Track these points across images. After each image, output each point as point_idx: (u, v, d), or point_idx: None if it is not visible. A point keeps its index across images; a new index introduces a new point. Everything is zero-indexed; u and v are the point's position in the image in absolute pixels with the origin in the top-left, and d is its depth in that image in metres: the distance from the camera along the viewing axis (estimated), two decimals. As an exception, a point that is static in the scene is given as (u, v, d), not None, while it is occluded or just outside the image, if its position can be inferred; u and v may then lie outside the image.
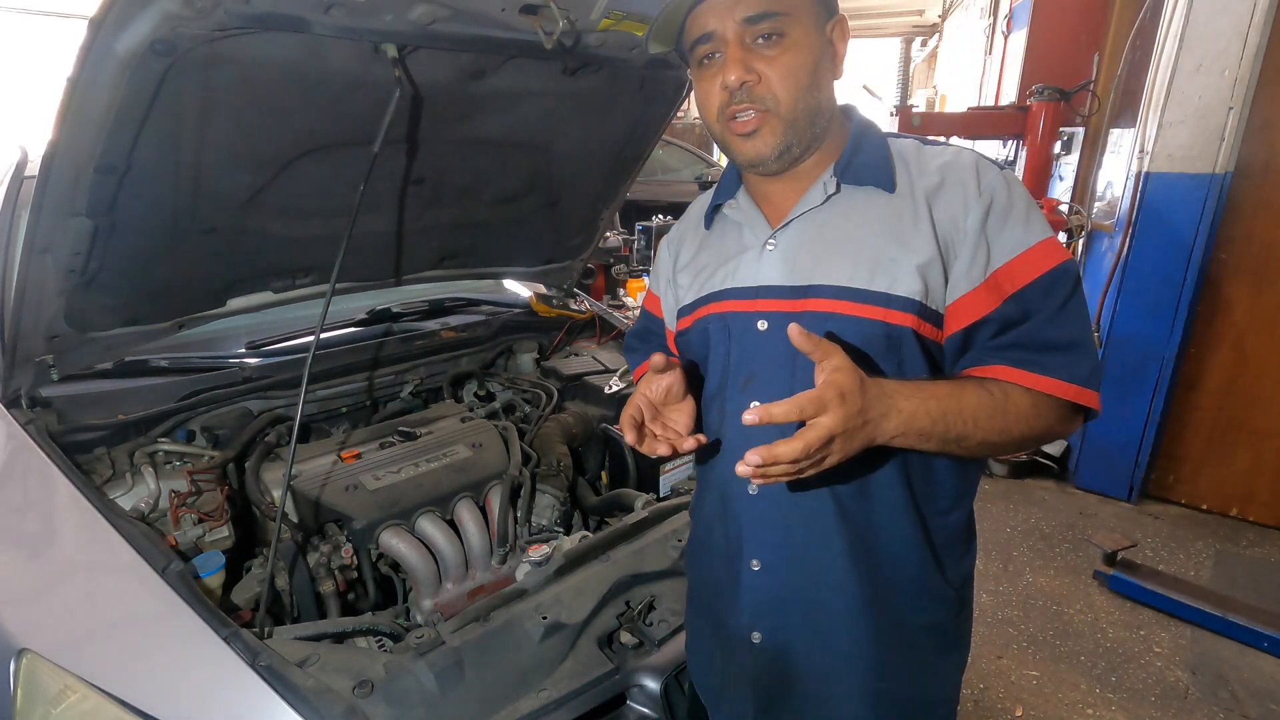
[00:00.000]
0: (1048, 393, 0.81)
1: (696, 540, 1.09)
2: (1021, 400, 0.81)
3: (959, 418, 0.78)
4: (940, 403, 0.77)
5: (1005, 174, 0.87)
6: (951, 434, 0.78)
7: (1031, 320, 0.82)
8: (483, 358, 2.18)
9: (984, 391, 0.80)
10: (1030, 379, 0.81)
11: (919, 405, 0.76)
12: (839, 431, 0.70)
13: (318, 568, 1.45)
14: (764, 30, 0.83)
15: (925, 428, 0.77)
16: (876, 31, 9.15)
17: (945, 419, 0.77)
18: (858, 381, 0.72)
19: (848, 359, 0.72)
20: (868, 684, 0.94)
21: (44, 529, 1.25)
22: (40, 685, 0.97)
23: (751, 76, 0.84)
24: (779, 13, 0.83)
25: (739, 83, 0.84)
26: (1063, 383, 0.81)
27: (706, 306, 0.97)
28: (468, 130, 1.62)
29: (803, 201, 0.91)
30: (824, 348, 0.72)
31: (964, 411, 0.78)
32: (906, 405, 0.76)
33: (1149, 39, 3.09)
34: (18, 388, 1.47)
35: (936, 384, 0.80)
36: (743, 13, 0.83)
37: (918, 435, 0.77)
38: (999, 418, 0.80)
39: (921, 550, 0.91)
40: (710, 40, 0.86)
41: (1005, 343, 0.83)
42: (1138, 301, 3.20)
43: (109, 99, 1.09)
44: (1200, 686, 2.32)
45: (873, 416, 0.73)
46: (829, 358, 0.72)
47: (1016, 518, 3.30)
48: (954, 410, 0.78)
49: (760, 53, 0.84)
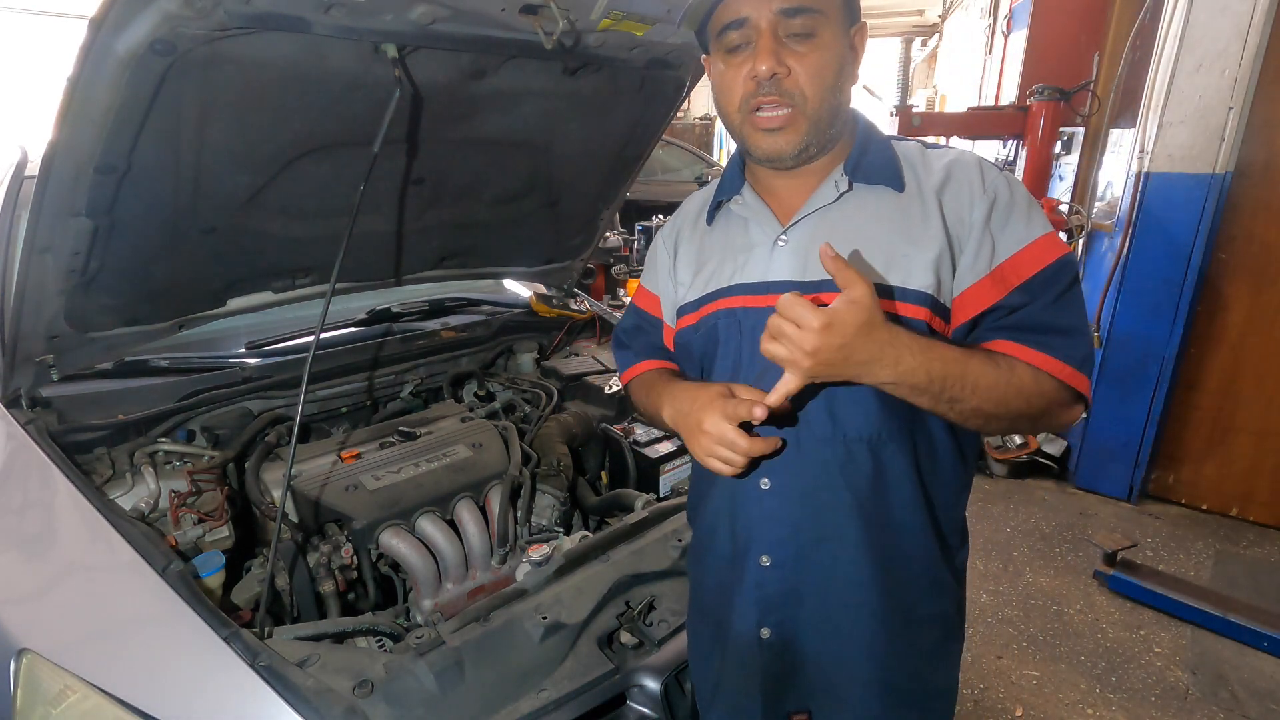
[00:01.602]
0: (1046, 370, 0.83)
1: (698, 542, 1.09)
2: (1025, 375, 0.83)
3: (959, 381, 0.80)
4: (944, 365, 0.79)
5: (1006, 174, 0.90)
6: (946, 394, 0.80)
7: (1033, 305, 0.85)
8: (483, 358, 2.18)
9: (990, 361, 0.83)
10: (1031, 354, 0.83)
11: (921, 363, 0.79)
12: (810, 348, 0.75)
13: (318, 568, 1.44)
14: (798, 27, 0.84)
15: (920, 383, 0.79)
16: (876, 31, 9.14)
17: (944, 380, 0.79)
18: (858, 322, 0.75)
19: (866, 297, 0.75)
20: (877, 675, 0.95)
21: (44, 529, 1.25)
22: (40, 685, 0.97)
23: (782, 69, 0.85)
24: (815, 10, 0.84)
25: (770, 73, 0.84)
26: (1061, 362, 0.84)
27: (714, 303, 0.97)
28: (468, 130, 1.62)
29: (815, 198, 0.92)
30: (846, 276, 0.76)
31: (965, 376, 0.80)
32: (909, 360, 0.78)
33: (1149, 39, 3.09)
34: (18, 388, 1.47)
35: (946, 346, 0.82)
36: (780, 3, 0.83)
37: (910, 388, 0.80)
38: (1000, 388, 0.82)
39: (930, 540, 0.93)
40: (742, 27, 0.86)
41: (1010, 323, 0.85)
42: (1138, 301, 3.20)
43: (109, 99, 1.09)
44: (1200, 686, 2.32)
45: (860, 358, 0.77)
46: (849, 287, 0.76)
47: (1016, 518, 3.30)
48: (955, 374, 0.80)
49: (791, 48, 0.85)
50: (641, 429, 1.87)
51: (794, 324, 0.77)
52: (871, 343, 0.76)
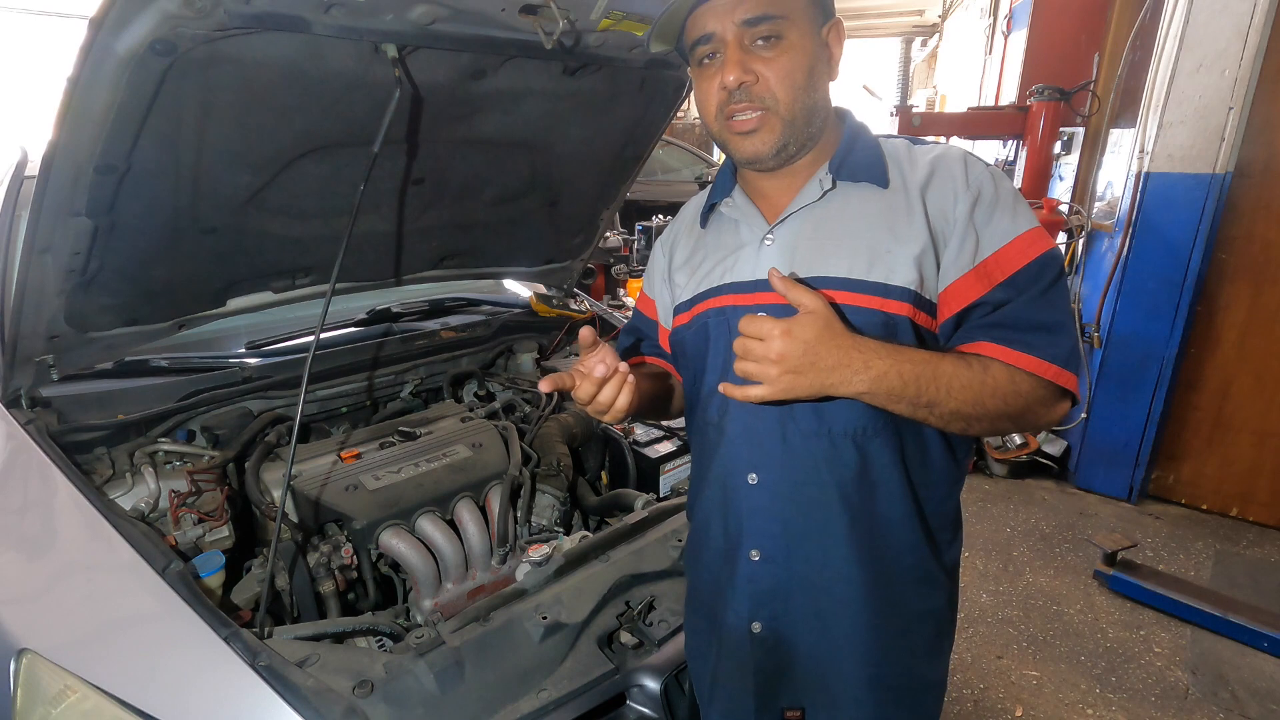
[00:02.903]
0: (1027, 370, 0.83)
1: (694, 537, 1.10)
2: (1000, 375, 0.83)
3: (932, 383, 0.80)
4: (915, 367, 0.80)
5: (991, 168, 0.90)
6: (923, 398, 0.81)
7: (1016, 301, 0.85)
8: (483, 358, 2.18)
9: (963, 362, 0.83)
10: (1012, 355, 0.83)
11: (891, 366, 0.79)
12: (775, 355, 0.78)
13: (318, 568, 1.45)
14: (762, 33, 0.85)
15: (895, 388, 0.80)
16: (876, 31, 9.15)
17: (918, 383, 0.80)
18: (816, 327, 0.78)
19: (820, 307, 0.79)
20: (867, 669, 0.96)
21: (44, 529, 1.25)
22: (40, 685, 0.97)
23: (749, 77, 0.86)
24: (777, 15, 0.85)
25: (737, 83, 0.86)
26: (1043, 361, 0.83)
27: (705, 302, 0.98)
28: (468, 130, 1.62)
29: (799, 197, 0.93)
30: (794, 293, 0.79)
31: (939, 378, 0.81)
32: (879, 364, 0.79)
33: (1149, 39, 3.09)
34: (18, 388, 1.46)
35: (915, 350, 0.83)
36: (742, 15, 0.85)
37: (886, 395, 0.80)
38: (974, 389, 0.82)
39: (918, 535, 0.93)
40: (710, 41, 0.88)
41: (991, 321, 0.85)
42: (1138, 301, 3.20)
43: (109, 99, 1.09)
44: (1200, 686, 2.32)
45: (827, 363, 0.79)
46: (800, 302, 0.80)
47: (1016, 518, 3.30)
48: (928, 375, 0.80)
49: (758, 54, 0.86)
50: (641, 429, 1.87)
51: (756, 338, 0.79)
52: (835, 348, 0.78)
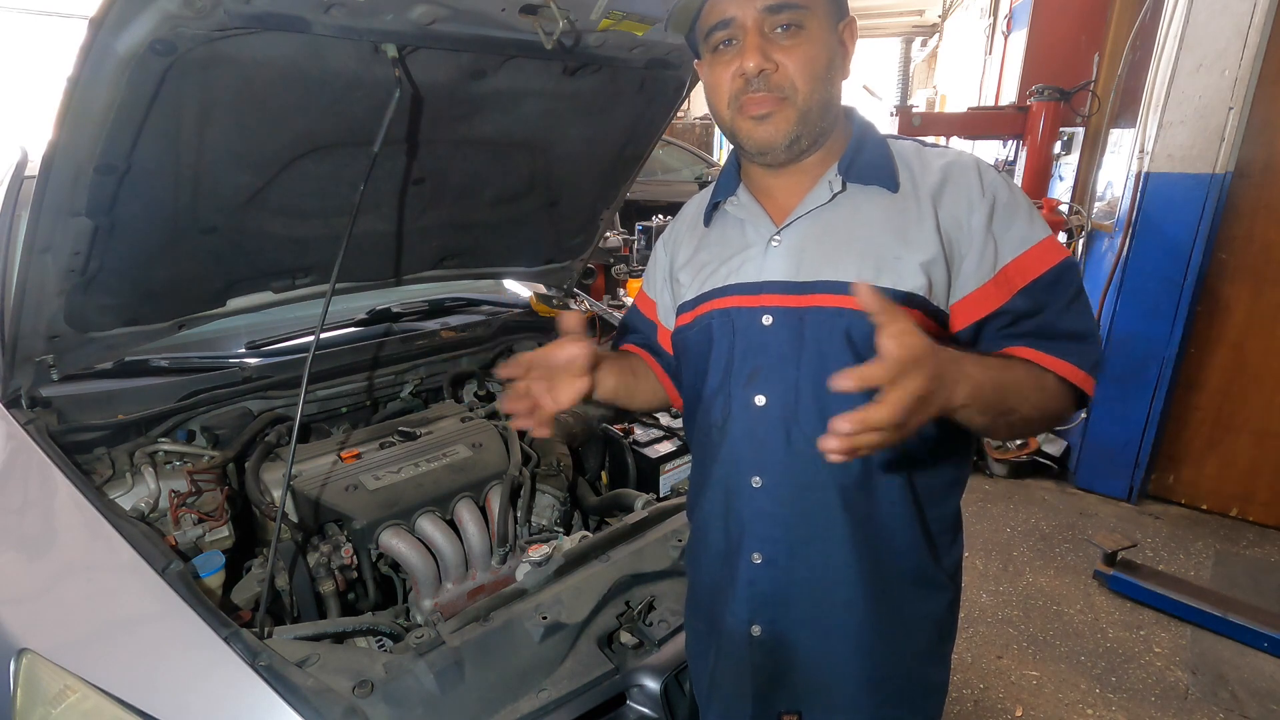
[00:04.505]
0: (1063, 375, 0.84)
1: (695, 540, 1.09)
2: (1050, 380, 0.84)
3: (1014, 390, 0.80)
4: (998, 373, 0.79)
5: (1003, 175, 0.91)
6: (1006, 404, 0.80)
7: (1046, 311, 0.86)
8: (483, 358, 2.18)
9: (1026, 367, 0.83)
10: (1052, 361, 0.84)
11: (984, 373, 0.76)
12: (924, 393, 0.67)
13: (318, 568, 1.45)
14: (784, 20, 0.85)
15: (989, 397, 0.76)
16: (876, 31, 9.15)
17: (1003, 389, 0.79)
18: (930, 345, 0.68)
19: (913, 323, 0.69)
20: (867, 674, 0.95)
21: (44, 529, 1.25)
22: (40, 685, 0.97)
23: (770, 65, 0.85)
24: (799, 5, 0.84)
25: (758, 70, 0.85)
26: (1077, 369, 0.85)
27: (709, 302, 0.97)
28: (468, 130, 1.62)
29: (809, 199, 0.92)
30: (890, 310, 0.68)
31: (1016, 384, 0.80)
32: (974, 372, 0.75)
33: (1149, 39, 3.09)
34: (18, 388, 1.46)
35: (987, 355, 0.82)
36: (764, 1, 0.84)
37: (981, 405, 0.76)
38: (1039, 393, 0.83)
39: (919, 539, 0.93)
40: (728, 26, 0.86)
41: (1023, 330, 0.86)
42: (1138, 301, 3.20)
43: (109, 99, 1.09)
44: (1200, 686, 2.32)
45: (947, 381, 0.71)
46: (895, 321, 0.68)
47: (1016, 518, 3.30)
48: (1010, 382, 0.80)
49: (778, 42, 0.85)
50: (641, 429, 1.87)
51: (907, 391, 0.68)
52: (942, 361, 0.71)
